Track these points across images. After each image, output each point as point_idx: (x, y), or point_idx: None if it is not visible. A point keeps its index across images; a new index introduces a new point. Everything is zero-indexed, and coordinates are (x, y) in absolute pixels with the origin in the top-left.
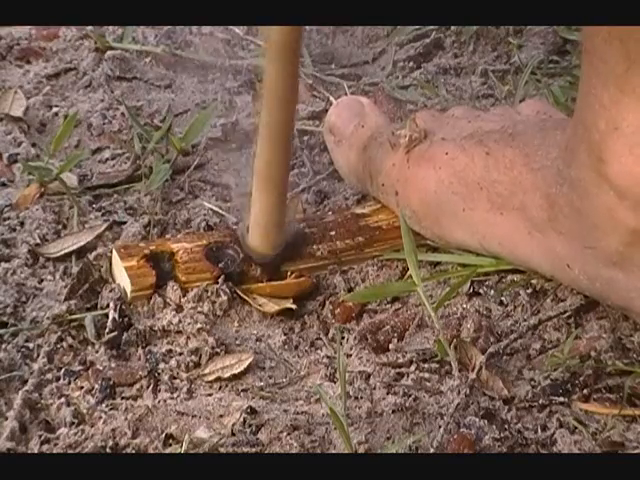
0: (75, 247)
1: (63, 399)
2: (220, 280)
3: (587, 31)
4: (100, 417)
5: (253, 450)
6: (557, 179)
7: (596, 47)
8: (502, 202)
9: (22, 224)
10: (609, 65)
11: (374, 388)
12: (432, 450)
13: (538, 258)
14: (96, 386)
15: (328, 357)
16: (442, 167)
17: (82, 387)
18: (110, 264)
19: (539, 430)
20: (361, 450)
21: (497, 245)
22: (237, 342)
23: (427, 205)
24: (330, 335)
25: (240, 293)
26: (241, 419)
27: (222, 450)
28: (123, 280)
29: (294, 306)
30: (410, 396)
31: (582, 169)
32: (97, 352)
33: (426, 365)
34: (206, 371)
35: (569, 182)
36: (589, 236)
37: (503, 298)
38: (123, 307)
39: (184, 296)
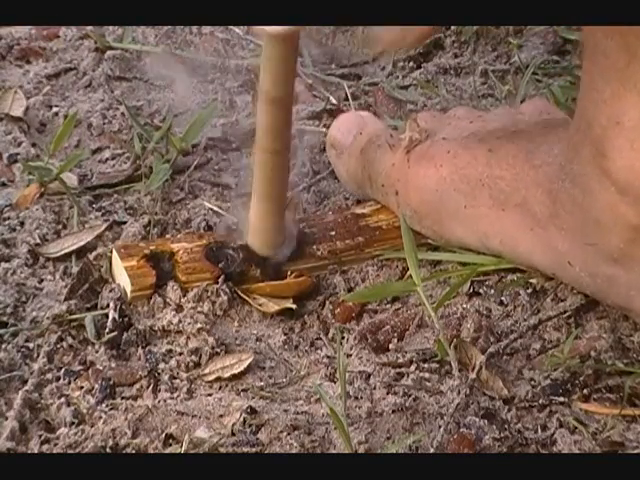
0: (75, 247)
1: (63, 399)
2: (220, 280)
3: (588, 27)
4: (100, 417)
5: (253, 450)
6: (559, 175)
7: (597, 42)
8: (504, 198)
9: (22, 224)
10: (610, 60)
11: (374, 388)
12: (432, 450)
13: (539, 255)
14: (96, 386)
15: (328, 357)
16: (444, 165)
17: (82, 387)
18: (110, 264)
19: (539, 430)
20: (361, 450)
21: (498, 243)
22: (237, 342)
23: (428, 204)
24: (330, 335)
25: (240, 293)
26: (241, 419)
27: (222, 450)
28: (123, 280)
29: (294, 306)
30: (410, 396)
31: (584, 165)
32: (97, 352)
33: (426, 365)
34: (206, 371)
35: (571, 178)
36: (590, 232)
37: (503, 298)
38: (123, 307)
39: (184, 296)
